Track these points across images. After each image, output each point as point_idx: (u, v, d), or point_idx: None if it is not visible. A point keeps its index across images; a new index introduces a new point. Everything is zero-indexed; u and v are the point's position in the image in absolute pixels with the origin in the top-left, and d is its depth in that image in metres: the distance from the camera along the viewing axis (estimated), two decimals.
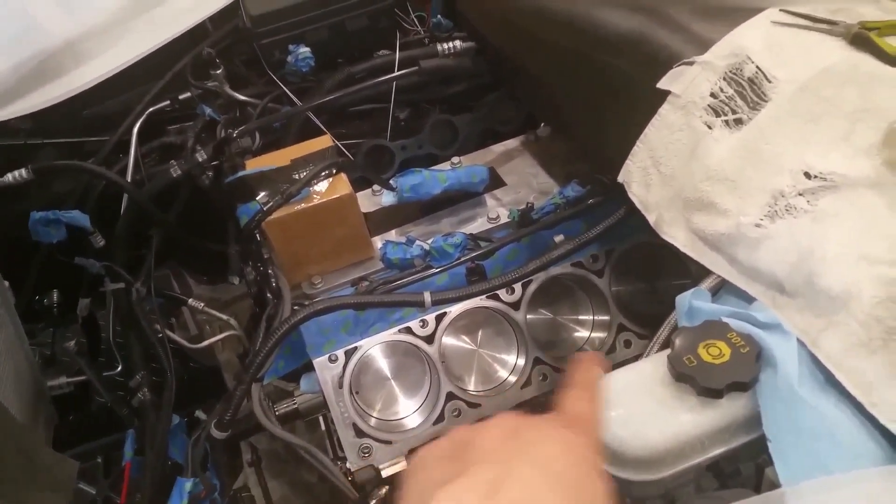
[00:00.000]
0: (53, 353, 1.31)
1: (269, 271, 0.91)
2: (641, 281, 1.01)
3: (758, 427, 0.55)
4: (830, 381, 0.55)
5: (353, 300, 0.85)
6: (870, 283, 0.56)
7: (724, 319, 0.60)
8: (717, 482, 0.60)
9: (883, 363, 0.53)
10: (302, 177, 0.91)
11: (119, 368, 1.29)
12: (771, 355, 0.56)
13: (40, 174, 1.18)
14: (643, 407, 0.57)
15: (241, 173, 0.93)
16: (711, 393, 0.55)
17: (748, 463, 0.59)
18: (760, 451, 0.57)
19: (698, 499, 0.56)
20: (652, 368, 0.60)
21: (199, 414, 1.04)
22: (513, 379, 0.95)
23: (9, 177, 1.16)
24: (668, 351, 0.60)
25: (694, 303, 0.64)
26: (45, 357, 1.23)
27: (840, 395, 0.54)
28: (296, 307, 0.87)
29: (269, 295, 0.90)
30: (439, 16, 1.33)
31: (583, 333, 1.01)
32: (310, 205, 0.89)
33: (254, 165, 0.96)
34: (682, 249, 0.71)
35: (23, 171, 1.16)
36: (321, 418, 0.97)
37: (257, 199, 0.89)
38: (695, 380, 0.55)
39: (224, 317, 1.22)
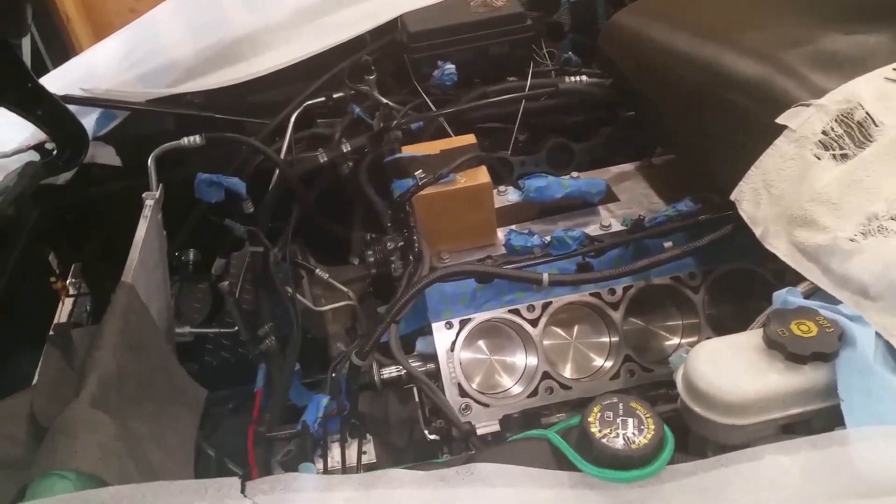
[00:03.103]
0: (179, 304, 1.47)
1: (414, 237, 1.05)
2: (733, 302, 1.10)
3: (833, 397, 0.66)
4: None
5: (482, 268, 0.99)
6: None
7: (814, 307, 0.71)
8: None
9: None
10: (450, 165, 1.05)
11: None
12: (852, 336, 0.66)
13: (211, 142, 1.35)
14: (738, 364, 0.68)
15: (399, 155, 1.09)
16: (797, 359, 0.66)
17: None
18: (833, 425, 0.67)
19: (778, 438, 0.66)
20: (747, 338, 0.71)
21: (340, 346, 1.18)
22: (604, 369, 1.06)
23: (185, 140, 1.33)
24: (760, 330, 0.71)
25: (788, 297, 0.75)
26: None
27: None
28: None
29: (410, 257, 1.04)
30: (570, 52, 1.48)
31: (673, 341, 1.11)
32: (454, 187, 1.04)
33: (408, 151, 1.12)
34: (783, 258, 0.82)
35: (197, 137, 1.32)
36: (415, 390, 1.09)
37: (415, 174, 1.04)
38: (785, 347, 0.66)
39: (344, 288, 1.37)
